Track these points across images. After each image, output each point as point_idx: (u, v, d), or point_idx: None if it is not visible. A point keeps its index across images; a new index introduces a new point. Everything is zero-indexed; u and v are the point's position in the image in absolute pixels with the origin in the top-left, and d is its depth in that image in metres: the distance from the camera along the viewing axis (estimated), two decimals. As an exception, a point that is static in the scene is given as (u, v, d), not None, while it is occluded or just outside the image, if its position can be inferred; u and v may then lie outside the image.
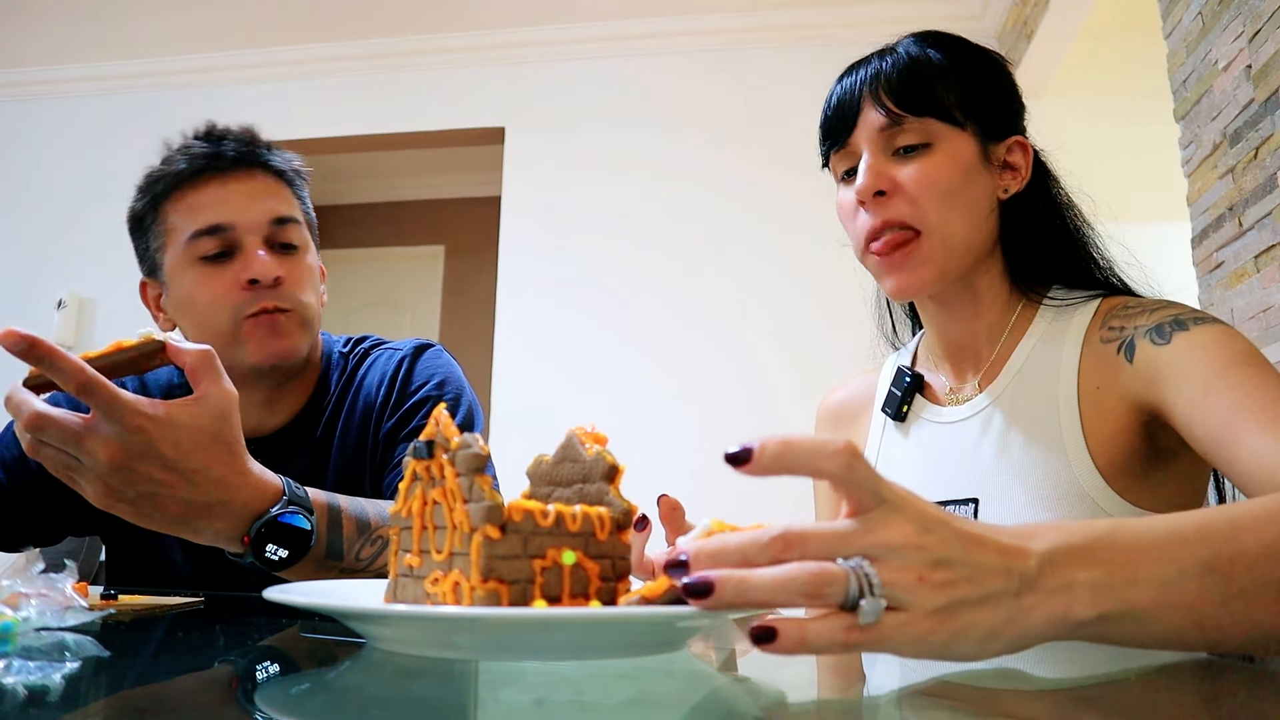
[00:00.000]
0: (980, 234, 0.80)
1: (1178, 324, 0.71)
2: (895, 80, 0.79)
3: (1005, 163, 0.82)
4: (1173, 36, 2.13)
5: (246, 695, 0.39)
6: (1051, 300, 0.82)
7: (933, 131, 0.78)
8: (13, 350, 0.59)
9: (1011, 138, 0.82)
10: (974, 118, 0.80)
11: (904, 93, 0.79)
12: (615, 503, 0.47)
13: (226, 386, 0.68)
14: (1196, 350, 0.68)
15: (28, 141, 3.80)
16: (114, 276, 3.47)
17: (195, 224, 0.95)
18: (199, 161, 0.97)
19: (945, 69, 0.80)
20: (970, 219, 0.79)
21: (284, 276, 0.96)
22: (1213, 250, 1.97)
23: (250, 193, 0.98)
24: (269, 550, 0.70)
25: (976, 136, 0.80)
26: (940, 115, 0.79)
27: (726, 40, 3.43)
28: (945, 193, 0.77)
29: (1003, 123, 0.82)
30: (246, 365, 0.95)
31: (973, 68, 0.82)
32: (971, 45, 0.85)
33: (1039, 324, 0.82)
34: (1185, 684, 0.48)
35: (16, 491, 0.94)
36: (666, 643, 0.45)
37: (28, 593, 0.49)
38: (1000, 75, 0.84)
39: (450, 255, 5.07)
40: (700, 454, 3.05)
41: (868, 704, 0.42)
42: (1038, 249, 0.83)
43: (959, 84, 0.80)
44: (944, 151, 0.78)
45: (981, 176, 0.80)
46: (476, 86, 3.58)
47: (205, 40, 3.64)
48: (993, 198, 0.81)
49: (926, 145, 0.78)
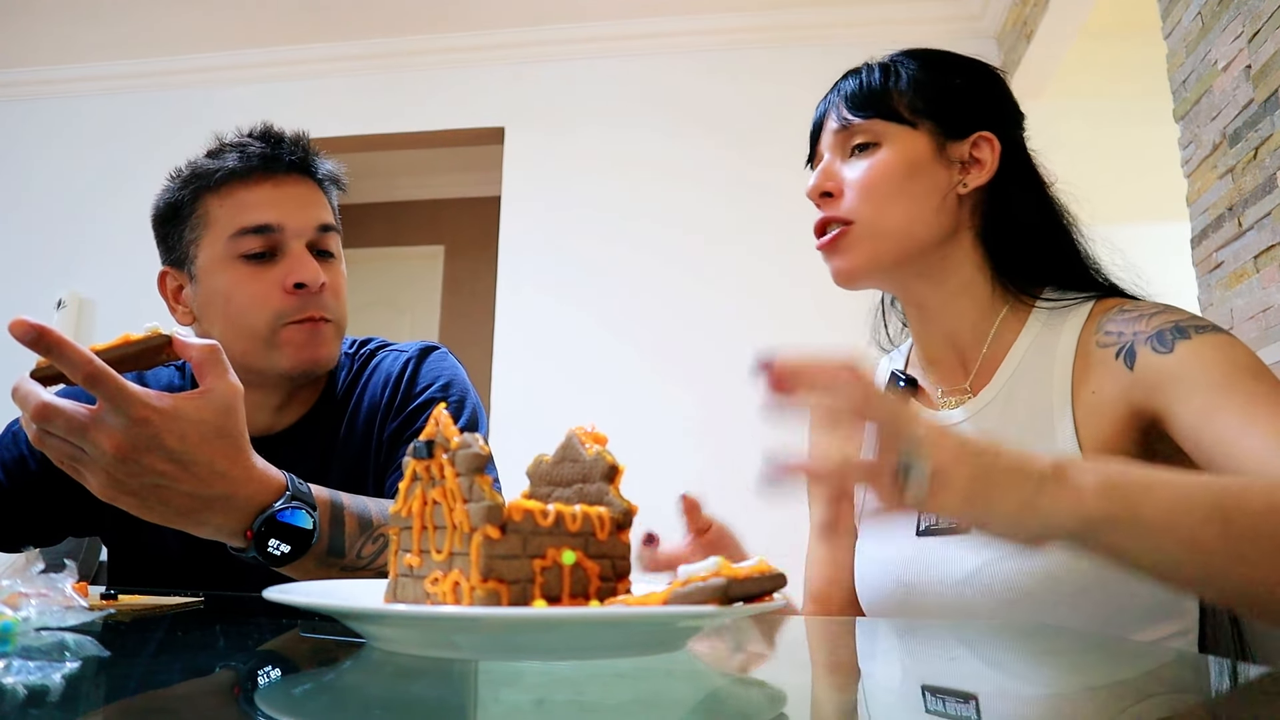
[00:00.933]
0: (926, 225, 0.81)
1: (1179, 331, 0.71)
2: (850, 89, 0.85)
3: (971, 157, 0.83)
4: (1172, 36, 2.13)
5: (247, 695, 0.39)
6: (1044, 302, 0.82)
7: (880, 131, 0.82)
8: (22, 339, 0.59)
9: (975, 134, 0.83)
10: (930, 115, 0.82)
11: (856, 98, 0.84)
12: (615, 503, 0.47)
13: (232, 381, 0.68)
14: (1199, 360, 0.68)
15: (28, 141, 3.80)
16: (114, 276, 3.47)
17: (242, 221, 0.94)
18: (254, 160, 0.96)
19: (902, 74, 0.84)
20: (910, 210, 0.81)
21: (326, 284, 0.96)
22: (1212, 250, 1.97)
23: (300, 198, 0.98)
24: (271, 545, 0.70)
25: (931, 134, 0.82)
26: (887, 116, 0.82)
27: (726, 40, 3.43)
28: (882, 186, 0.81)
29: (965, 120, 0.83)
30: (278, 370, 0.95)
31: (935, 70, 0.84)
32: (944, 53, 0.87)
33: (1032, 326, 0.81)
34: (1184, 689, 0.48)
35: (17, 492, 0.94)
36: (666, 643, 0.45)
37: (28, 593, 0.49)
38: (966, 76, 0.86)
39: (450, 255, 5.07)
40: (700, 453, 3.05)
41: (868, 704, 0.42)
42: (1018, 245, 0.83)
43: (915, 86, 0.83)
44: (888, 149, 0.82)
45: (932, 171, 0.82)
46: (476, 86, 3.58)
47: (205, 40, 3.64)
48: (946, 192, 0.82)
49: (875, 145, 0.83)
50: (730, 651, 0.55)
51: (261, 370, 0.95)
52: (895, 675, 0.49)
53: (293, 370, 0.95)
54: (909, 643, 0.63)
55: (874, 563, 0.84)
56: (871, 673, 0.50)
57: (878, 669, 0.53)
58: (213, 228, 0.96)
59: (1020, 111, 0.88)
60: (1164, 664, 0.54)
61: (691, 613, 0.40)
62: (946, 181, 0.82)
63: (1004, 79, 0.89)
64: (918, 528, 0.80)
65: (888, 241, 0.81)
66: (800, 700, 0.43)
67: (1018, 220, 0.83)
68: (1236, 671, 0.52)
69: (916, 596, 0.77)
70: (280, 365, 0.94)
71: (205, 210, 0.96)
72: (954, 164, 0.83)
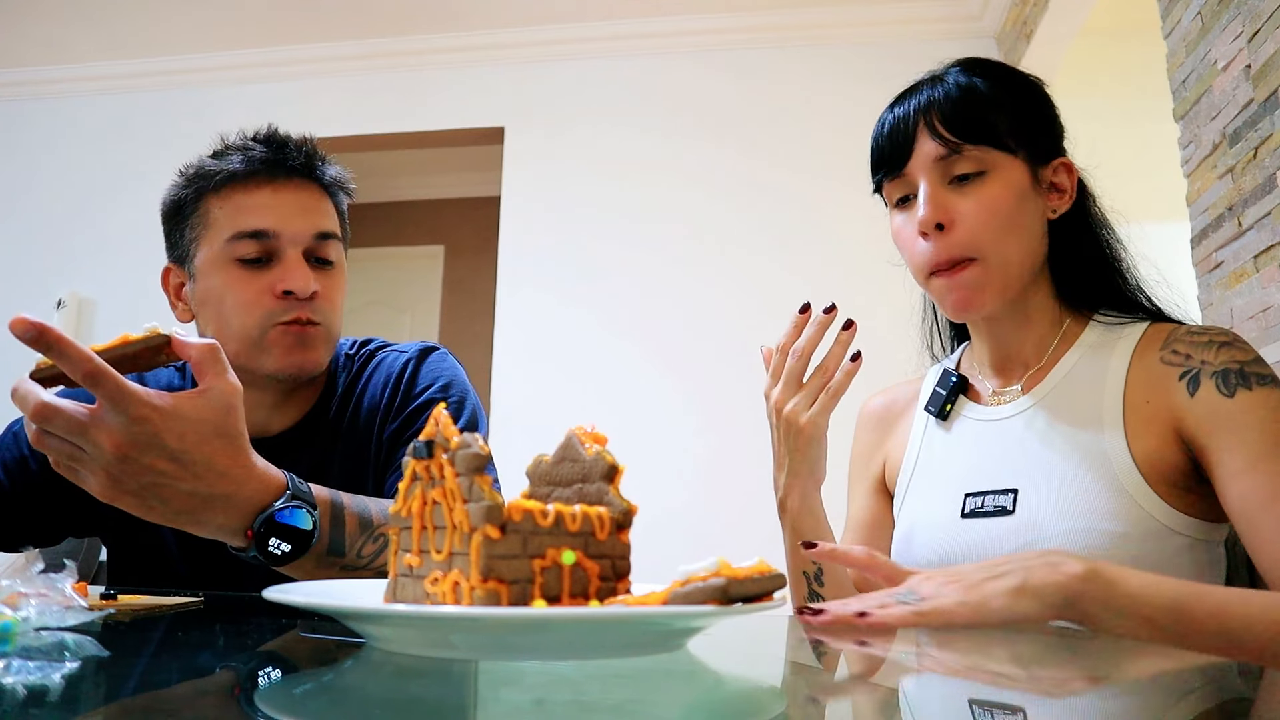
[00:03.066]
0: (1034, 256, 0.84)
1: (1243, 378, 0.74)
2: (949, 109, 0.81)
3: (1052, 184, 0.85)
4: (1172, 36, 2.13)
5: (247, 695, 0.39)
6: (1102, 317, 0.85)
7: (987, 160, 0.81)
8: (22, 338, 0.59)
9: (1057, 159, 0.85)
10: (1024, 143, 0.82)
11: (958, 121, 0.81)
12: (615, 503, 0.47)
13: (231, 380, 0.68)
14: (1254, 415, 0.72)
15: (28, 141, 3.80)
16: (114, 276, 3.48)
17: (238, 225, 0.95)
18: (256, 164, 0.96)
19: (995, 96, 0.82)
20: (1025, 243, 0.82)
21: (318, 291, 0.96)
22: (1212, 250, 1.97)
23: (299, 204, 0.98)
24: (271, 545, 0.71)
25: (1027, 161, 0.83)
26: (994, 143, 0.81)
27: (726, 40, 3.43)
28: (1003, 221, 0.81)
29: (1049, 146, 0.85)
30: (266, 372, 0.95)
31: (1020, 94, 0.84)
32: (1016, 72, 0.87)
33: (1088, 336, 0.85)
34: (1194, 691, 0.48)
35: (17, 492, 0.94)
36: (666, 643, 0.45)
37: (28, 593, 0.49)
38: (1044, 99, 0.87)
39: (450, 255, 5.07)
40: (699, 453, 3.05)
41: (868, 705, 0.42)
42: (1083, 267, 0.86)
43: (1009, 111, 0.82)
44: (999, 179, 0.81)
45: (1033, 200, 0.83)
46: (476, 86, 3.58)
47: (205, 40, 3.64)
48: (1043, 220, 0.84)
49: (981, 174, 0.81)
50: (731, 652, 0.55)
51: (252, 371, 0.95)
52: (897, 677, 0.49)
53: (279, 372, 0.95)
54: (922, 641, 0.63)
55: (916, 543, 0.86)
56: (873, 674, 0.50)
57: (881, 670, 0.53)
58: (212, 228, 0.96)
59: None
60: (1210, 665, 0.55)
61: (691, 613, 0.40)
62: (1042, 210, 0.84)
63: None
64: (962, 510, 0.83)
65: (1013, 278, 0.82)
66: (801, 700, 0.43)
67: (1086, 244, 0.86)
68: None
69: None
70: (267, 367, 0.95)
71: (206, 210, 0.97)
72: (1044, 191, 0.84)
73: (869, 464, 0.99)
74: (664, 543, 1.71)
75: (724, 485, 2.97)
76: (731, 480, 2.96)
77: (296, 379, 0.97)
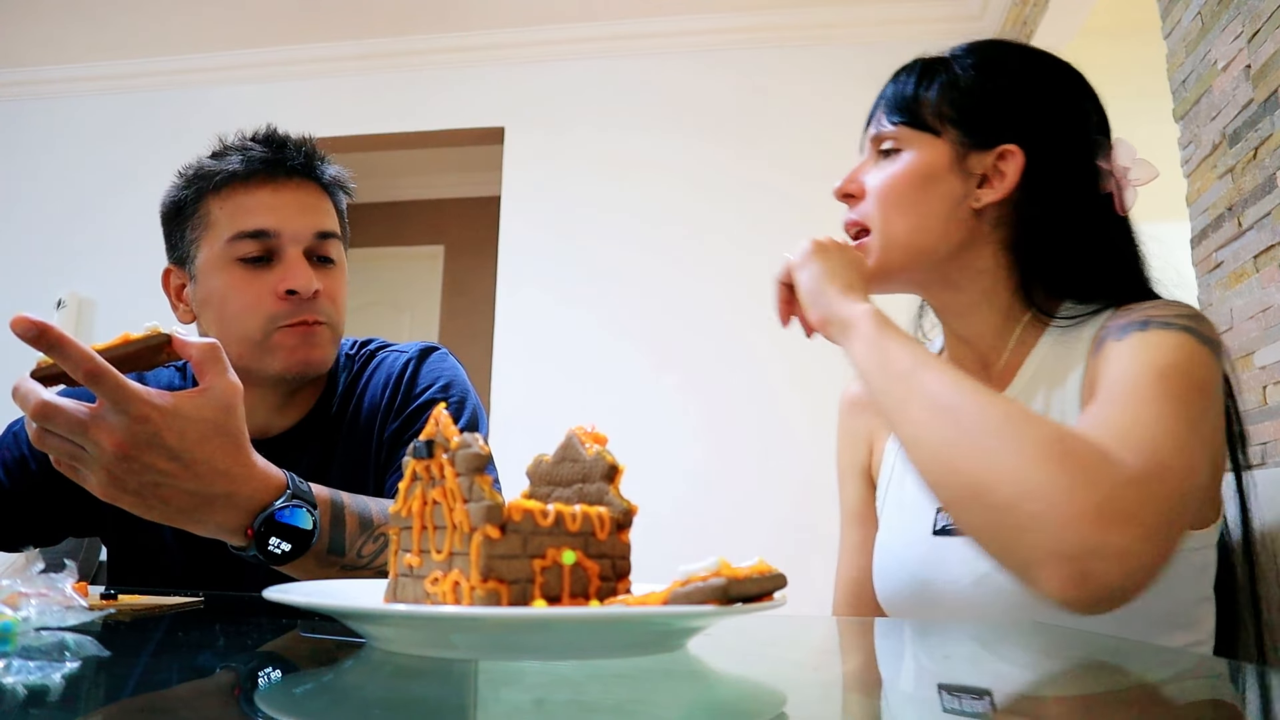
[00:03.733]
0: (933, 237, 0.80)
1: (1143, 325, 0.69)
2: (889, 91, 0.84)
3: (996, 169, 0.79)
4: (1172, 36, 2.13)
5: (247, 695, 0.39)
6: (1059, 321, 0.80)
7: (904, 138, 0.81)
8: (23, 336, 0.59)
9: (1001, 146, 0.79)
10: (956, 123, 0.80)
11: (890, 101, 0.83)
12: (615, 502, 0.47)
13: (231, 379, 0.68)
14: (1131, 352, 0.67)
15: (28, 141, 3.80)
16: (114, 276, 3.48)
17: (239, 225, 0.95)
18: (256, 165, 0.96)
19: (938, 77, 0.81)
20: (918, 223, 0.80)
21: (321, 290, 0.96)
22: (1212, 250, 1.97)
23: (300, 203, 0.98)
24: (272, 544, 0.71)
25: (955, 143, 0.80)
26: (913, 123, 0.81)
27: (726, 40, 3.43)
28: (892, 195, 0.80)
29: (993, 130, 0.80)
30: (271, 372, 0.95)
31: (981, 73, 0.81)
32: (1006, 51, 0.84)
33: (1050, 334, 0.80)
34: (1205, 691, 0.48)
35: (17, 492, 0.94)
36: (666, 643, 0.45)
37: (28, 593, 0.49)
38: (1016, 80, 0.81)
39: (450, 255, 5.07)
40: (699, 453, 3.05)
41: (869, 705, 0.42)
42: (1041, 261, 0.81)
43: (947, 91, 0.81)
44: (907, 156, 0.81)
45: (945, 183, 0.80)
46: (476, 86, 3.58)
47: (205, 40, 3.64)
48: (958, 205, 0.79)
49: (897, 150, 0.82)
50: (731, 652, 0.55)
51: (256, 372, 0.95)
52: (897, 677, 0.49)
53: (286, 373, 0.95)
54: (919, 642, 0.63)
55: (891, 558, 0.84)
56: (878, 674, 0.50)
57: (884, 670, 0.53)
58: (212, 229, 0.96)
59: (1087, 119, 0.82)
60: (1185, 668, 0.55)
61: (691, 613, 0.40)
62: (960, 193, 0.80)
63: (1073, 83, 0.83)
64: (934, 526, 0.80)
65: (895, 251, 0.81)
66: (801, 701, 0.43)
67: (1042, 238, 0.80)
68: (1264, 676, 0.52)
69: (932, 594, 0.77)
70: (273, 368, 0.95)
71: (206, 211, 0.97)
72: (972, 176, 0.80)
73: (856, 451, 0.97)
74: (664, 543, 1.71)
75: (724, 485, 2.97)
76: (731, 480, 2.96)
77: (302, 378, 0.97)
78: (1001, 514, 0.55)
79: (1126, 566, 0.51)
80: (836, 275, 0.76)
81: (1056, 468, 0.54)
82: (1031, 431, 0.56)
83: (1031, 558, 0.53)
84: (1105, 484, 0.53)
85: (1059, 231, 0.79)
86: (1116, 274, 0.80)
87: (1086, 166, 0.80)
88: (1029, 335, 0.82)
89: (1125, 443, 0.56)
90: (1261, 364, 1.78)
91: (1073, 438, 0.56)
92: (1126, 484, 0.53)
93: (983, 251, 0.81)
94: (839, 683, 0.49)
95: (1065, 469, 0.54)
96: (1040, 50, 0.85)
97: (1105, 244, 0.80)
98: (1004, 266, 0.82)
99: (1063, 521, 0.52)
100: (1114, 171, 0.80)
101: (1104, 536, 0.51)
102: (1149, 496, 0.53)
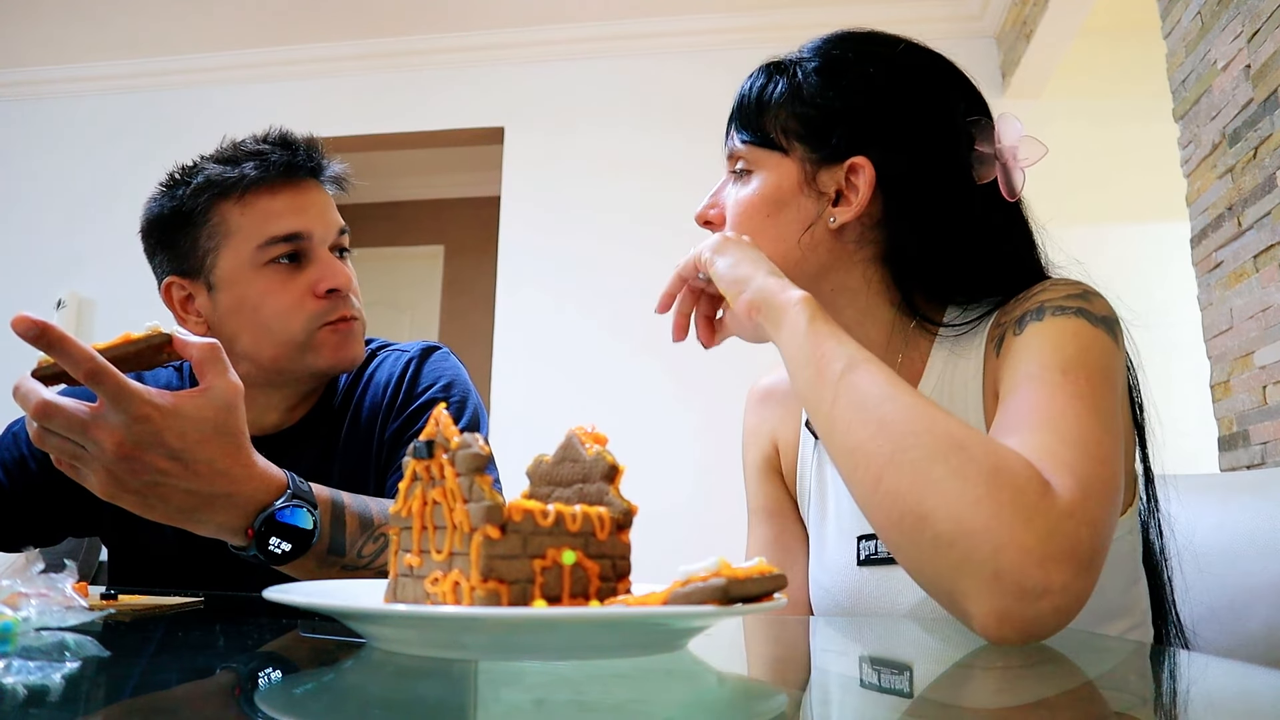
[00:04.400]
0: (790, 262, 0.74)
1: (1038, 313, 0.66)
2: (739, 103, 0.79)
3: (849, 182, 0.74)
4: (1172, 36, 2.14)
5: (247, 695, 0.39)
6: (947, 330, 0.75)
7: (754, 158, 0.77)
8: (24, 335, 0.59)
9: (849, 160, 0.73)
10: (802, 138, 0.75)
11: (739, 116, 0.78)
12: (615, 503, 0.47)
13: (232, 379, 0.68)
14: (1032, 344, 0.64)
15: (28, 141, 3.81)
16: (114, 276, 3.48)
17: (270, 230, 0.94)
18: (276, 169, 0.96)
19: (787, 87, 0.76)
20: (773, 249, 0.74)
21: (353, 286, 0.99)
22: (1212, 250, 1.97)
23: (320, 203, 0.99)
24: (272, 544, 0.71)
25: (802, 160, 0.75)
26: (759, 141, 0.76)
27: (726, 40, 3.43)
28: (741, 223, 0.76)
29: (841, 143, 0.73)
30: (313, 370, 0.96)
31: (823, 76, 0.75)
32: (848, 43, 0.78)
33: (938, 353, 0.75)
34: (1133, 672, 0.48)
35: (17, 492, 0.94)
36: (666, 643, 0.45)
37: (28, 593, 0.49)
38: (857, 80, 0.75)
39: (450, 255, 5.07)
40: (699, 453, 3.05)
41: (869, 705, 0.42)
42: (913, 272, 0.75)
43: (792, 101, 0.75)
44: (756, 180, 0.76)
45: (796, 205, 0.74)
46: (476, 86, 3.58)
47: (205, 40, 3.65)
48: (813, 227, 0.74)
49: (749, 171, 0.77)
50: (731, 652, 0.55)
51: (293, 372, 0.96)
52: (898, 678, 0.49)
53: (330, 369, 0.97)
54: (920, 642, 0.63)
55: (818, 589, 0.80)
56: (876, 674, 0.50)
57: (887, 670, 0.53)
58: (234, 236, 0.94)
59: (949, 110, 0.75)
60: (1121, 655, 0.55)
61: (691, 613, 0.40)
62: (811, 215, 0.74)
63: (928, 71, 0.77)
64: (858, 557, 0.76)
65: None
66: (801, 701, 0.43)
67: (910, 250, 0.74)
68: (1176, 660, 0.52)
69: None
70: (316, 366, 0.96)
71: (223, 218, 0.95)
72: (824, 195, 0.74)
73: (761, 447, 0.91)
74: (664, 543, 1.71)
75: (724, 485, 2.96)
76: (732, 480, 2.95)
77: (341, 373, 1.00)
78: (939, 548, 0.52)
79: (1064, 602, 0.49)
80: (762, 262, 0.70)
81: (997, 503, 0.50)
82: (973, 456, 0.52)
83: (966, 594, 0.51)
84: (1043, 519, 0.50)
85: (928, 240, 0.74)
86: (1000, 269, 0.74)
87: (951, 163, 0.74)
88: (917, 347, 0.77)
89: (1057, 466, 0.53)
90: (1261, 364, 1.79)
91: (1010, 467, 0.52)
92: (1062, 517, 0.51)
93: (852, 271, 0.76)
94: (840, 683, 0.49)
95: (1005, 504, 0.50)
96: (890, 38, 0.79)
97: (984, 242, 0.74)
98: (877, 282, 0.76)
99: (1003, 563, 0.49)
100: (999, 154, 0.74)
101: (1044, 577, 0.49)
102: (1084, 524, 0.51)
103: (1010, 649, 0.51)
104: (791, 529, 0.88)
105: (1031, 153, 0.74)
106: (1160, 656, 0.59)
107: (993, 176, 0.74)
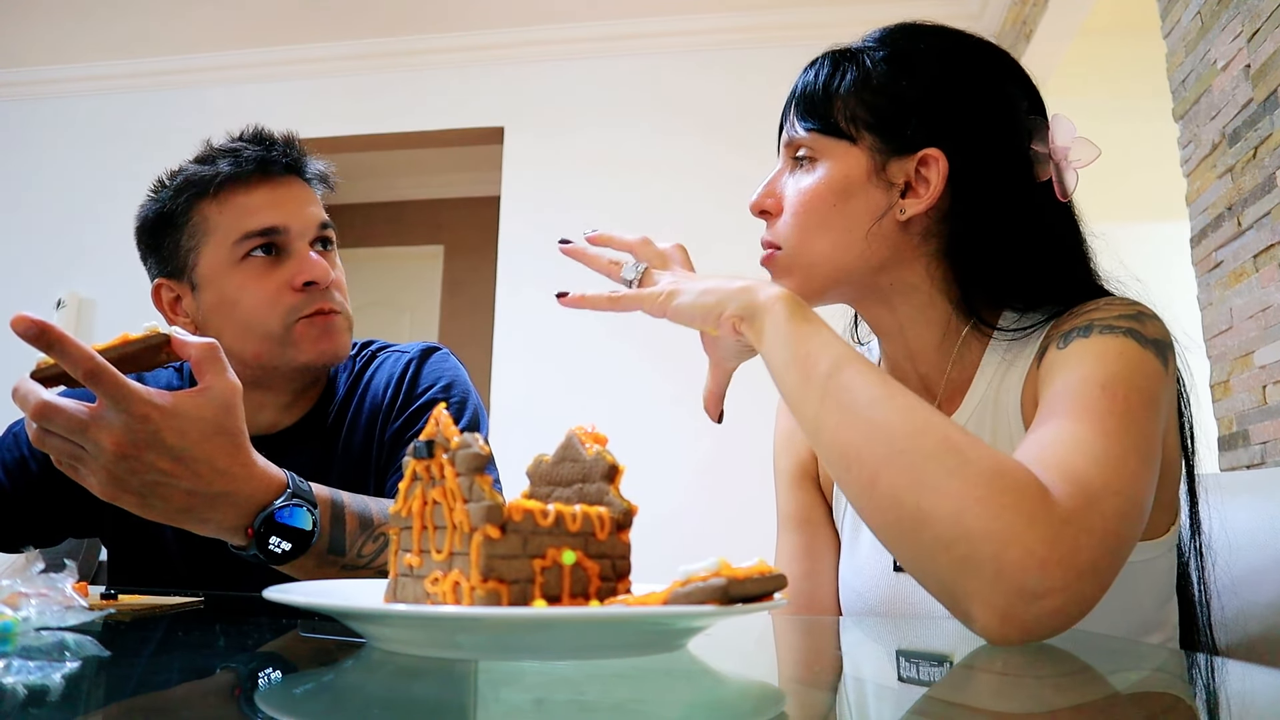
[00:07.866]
0: (855, 254, 0.73)
1: (1086, 330, 0.65)
2: (802, 91, 0.77)
3: (919, 175, 0.73)
4: (1171, 36, 2.14)
5: (247, 695, 0.39)
6: (1002, 334, 0.74)
7: (820, 146, 0.75)
8: (23, 335, 0.59)
9: (922, 151, 0.72)
10: (872, 128, 0.73)
11: (803, 104, 0.76)
12: (615, 503, 0.47)
13: (230, 379, 0.68)
14: (1074, 359, 0.63)
15: (28, 141, 3.81)
16: (114, 276, 3.47)
17: (246, 225, 0.95)
18: (250, 164, 0.96)
19: (849, 73, 0.74)
20: (836, 239, 0.73)
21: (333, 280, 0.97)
22: (1211, 250, 1.97)
23: (299, 198, 0.99)
24: (272, 543, 0.71)
25: (872, 150, 0.73)
26: (826, 129, 0.74)
27: (726, 40, 3.43)
28: (810, 213, 0.74)
29: (913, 134, 0.72)
30: (295, 365, 0.95)
31: (894, 66, 0.74)
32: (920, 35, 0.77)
33: (990, 357, 0.74)
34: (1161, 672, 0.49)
35: (17, 492, 0.94)
36: (666, 643, 0.45)
37: (28, 593, 0.49)
38: (930, 74, 0.74)
39: (450, 255, 5.07)
40: (700, 453, 3.05)
41: (869, 705, 0.42)
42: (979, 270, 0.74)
43: (861, 90, 0.74)
44: (823, 169, 0.74)
45: (865, 195, 0.73)
46: (476, 86, 3.58)
47: (205, 40, 3.64)
48: (881, 218, 0.73)
49: (812, 160, 0.75)
50: (731, 652, 0.55)
51: (276, 368, 0.95)
52: (898, 678, 0.49)
53: (311, 364, 0.96)
54: (919, 642, 0.63)
55: (850, 592, 0.80)
56: (876, 674, 0.50)
57: (885, 669, 0.53)
58: (213, 234, 0.96)
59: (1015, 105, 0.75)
60: (1150, 658, 0.55)
61: (691, 613, 0.40)
62: (880, 206, 0.73)
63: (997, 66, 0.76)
64: (894, 563, 0.75)
65: (813, 270, 0.75)
66: (801, 700, 0.43)
67: (977, 246, 0.73)
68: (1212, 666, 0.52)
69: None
70: (297, 360, 0.95)
71: (202, 218, 0.96)
72: (894, 186, 0.73)
73: (795, 453, 0.90)
74: (664, 543, 1.71)
75: (724, 485, 2.97)
76: (731, 480, 2.96)
77: (325, 368, 0.99)
78: (939, 548, 0.51)
79: (1065, 604, 0.49)
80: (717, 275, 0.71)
81: (999, 504, 0.50)
82: (970, 459, 0.52)
83: (967, 595, 0.51)
84: (1045, 524, 0.50)
85: (995, 238, 0.73)
86: (1060, 274, 0.73)
87: (1019, 160, 0.74)
88: (971, 350, 0.76)
89: (1064, 472, 0.53)
90: (1261, 363, 1.79)
91: (1009, 471, 0.52)
92: (1064, 522, 0.50)
93: (914, 265, 0.75)
94: (839, 683, 0.49)
95: (1008, 505, 0.50)
96: (957, 32, 0.78)
97: (1046, 244, 0.74)
98: (939, 279, 0.75)
99: (1003, 566, 0.49)
100: (1053, 154, 0.74)
101: (1044, 580, 0.49)
102: (1084, 531, 0.51)
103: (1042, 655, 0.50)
104: (824, 535, 0.86)
105: (1084, 154, 0.73)
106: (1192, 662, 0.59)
107: (1048, 176, 0.74)
